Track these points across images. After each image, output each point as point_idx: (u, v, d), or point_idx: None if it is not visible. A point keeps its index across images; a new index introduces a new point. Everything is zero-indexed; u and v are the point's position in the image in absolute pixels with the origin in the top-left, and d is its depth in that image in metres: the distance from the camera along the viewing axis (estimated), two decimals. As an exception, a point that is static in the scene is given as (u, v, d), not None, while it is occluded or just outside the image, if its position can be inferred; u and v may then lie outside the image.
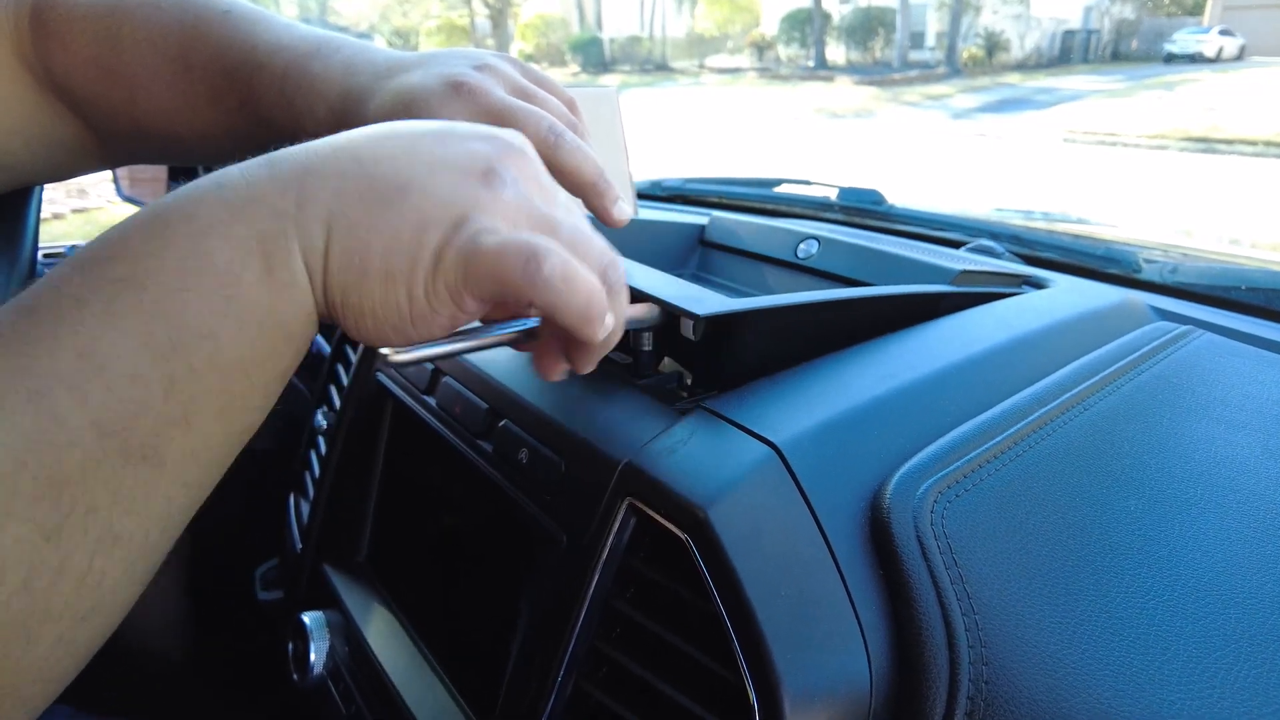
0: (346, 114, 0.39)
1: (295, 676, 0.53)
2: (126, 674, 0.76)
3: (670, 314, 0.38)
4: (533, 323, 0.32)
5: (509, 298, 0.27)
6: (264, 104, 0.41)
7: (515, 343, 0.32)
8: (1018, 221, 0.90)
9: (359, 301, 0.26)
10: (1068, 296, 0.55)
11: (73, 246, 1.00)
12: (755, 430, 0.34)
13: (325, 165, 0.26)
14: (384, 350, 0.29)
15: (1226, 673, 0.29)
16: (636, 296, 0.38)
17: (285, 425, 0.80)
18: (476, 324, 0.31)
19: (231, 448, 0.26)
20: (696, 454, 0.34)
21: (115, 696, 0.75)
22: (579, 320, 0.28)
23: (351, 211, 0.26)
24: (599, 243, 0.30)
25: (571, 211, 0.31)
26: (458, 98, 0.37)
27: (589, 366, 0.32)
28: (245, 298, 0.24)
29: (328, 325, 0.29)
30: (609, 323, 0.29)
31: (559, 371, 0.32)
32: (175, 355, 0.23)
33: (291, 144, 0.44)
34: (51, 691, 0.23)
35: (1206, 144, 8.34)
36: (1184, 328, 0.53)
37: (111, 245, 0.24)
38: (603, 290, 0.28)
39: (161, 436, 0.23)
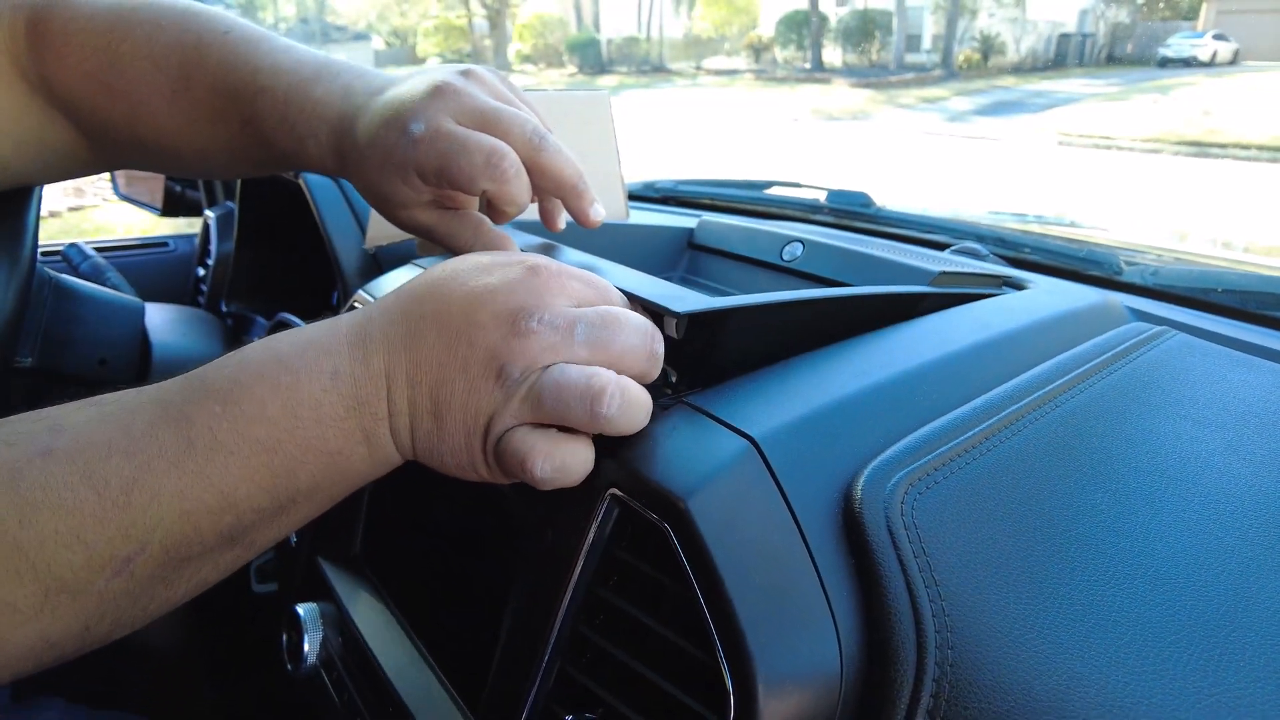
0: (344, 134, 0.40)
1: (289, 667, 0.54)
2: (123, 665, 0.77)
3: (654, 312, 0.39)
4: None
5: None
6: (267, 126, 0.42)
7: None
8: (1003, 224, 0.91)
9: (438, 461, 0.35)
10: (1045, 297, 0.56)
11: (71, 244, 1.00)
12: (734, 424, 0.35)
13: (398, 372, 0.33)
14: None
15: (1181, 656, 0.31)
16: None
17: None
18: None
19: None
20: (677, 447, 0.35)
21: (112, 688, 0.76)
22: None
23: (424, 420, 0.33)
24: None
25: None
26: (440, 98, 0.38)
27: None
28: (349, 468, 0.33)
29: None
30: None
31: None
32: (291, 502, 0.31)
33: (292, 164, 0.46)
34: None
35: (1200, 147, 8.39)
36: (1158, 328, 0.55)
37: (254, 403, 0.30)
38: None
39: (261, 536, 0.32)
